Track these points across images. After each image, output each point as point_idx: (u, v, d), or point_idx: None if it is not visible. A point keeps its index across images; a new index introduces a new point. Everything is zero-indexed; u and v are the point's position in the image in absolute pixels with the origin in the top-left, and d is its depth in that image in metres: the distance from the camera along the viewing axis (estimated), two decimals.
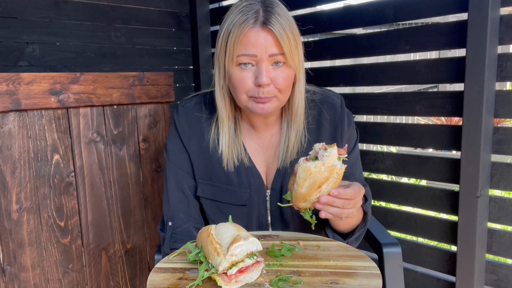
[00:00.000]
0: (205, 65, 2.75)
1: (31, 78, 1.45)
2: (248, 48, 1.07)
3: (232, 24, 1.08)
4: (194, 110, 1.28)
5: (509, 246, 1.68)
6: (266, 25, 1.06)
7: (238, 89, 1.12)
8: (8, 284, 1.46)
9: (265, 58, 1.07)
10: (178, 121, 1.29)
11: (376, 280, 0.88)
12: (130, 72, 1.84)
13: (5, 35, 2.09)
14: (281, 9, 1.11)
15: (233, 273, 0.87)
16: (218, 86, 1.18)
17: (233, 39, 1.08)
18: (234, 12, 1.10)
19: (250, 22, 1.06)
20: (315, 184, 0.94)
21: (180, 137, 1.28)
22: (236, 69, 1.10)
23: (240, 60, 1.09)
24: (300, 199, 0.98)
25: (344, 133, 1.25)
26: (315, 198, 0.97)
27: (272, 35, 1.06)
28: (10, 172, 1.44)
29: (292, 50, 1.09)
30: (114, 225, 1.73)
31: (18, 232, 1.47)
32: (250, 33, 1.06)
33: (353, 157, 1.28)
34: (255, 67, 1.09)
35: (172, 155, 1.29)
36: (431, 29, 1.76)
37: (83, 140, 1.61)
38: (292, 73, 1.13)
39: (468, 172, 1.67)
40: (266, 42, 1.07)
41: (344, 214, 0.99)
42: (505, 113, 1.63)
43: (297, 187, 0.97)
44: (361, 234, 1.20)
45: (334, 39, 2.20)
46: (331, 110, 1.25)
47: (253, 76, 1.09)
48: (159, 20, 2.62)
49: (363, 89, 4.00)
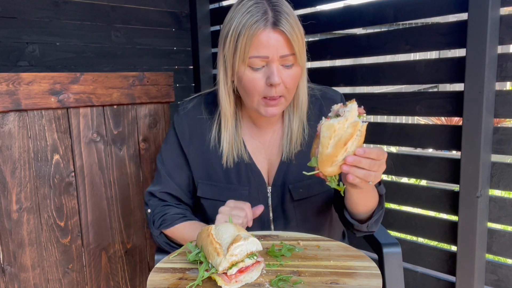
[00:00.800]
0: (205, 65, 2.75)
1: (31, 78, 1.45)
2: (260, 50, 1.07)
3: (241, 25, 1.08)
4: (194, 112, 1.29)
5: (509, 246, 1.68)
6: (277, 26, 1.07)
7: (250, 90, 1.12)
8: (8, 284, 1.46)
9: (276, 59, 1.08)
10: (178, 124, 1.29)
11: (376, 280, 0.88)
12: (130, 72, 1.84)
13: (5, 35, 2.09)
14: (287, 7, 1.11)
15: (233, 273, 0.88)
16: (224, 86, 1.18)
17: (244, 41, 1.07)
18: (241, 11, 1.09)
19: (261, 23, 1.06)
20: (341, 142, 0.90)
21: (179, 140, 1.28)
22: (247, 70, 1.11)
23: (251, 62, 1.09)
24: (326, 162, 0.93)
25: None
26: (341, 159, 0.92)
27: (284, 36, 1.07)
28: (10, 172, 1.44)
29: (301, 49, 1.11)
30: (114, 225, 1.73)
31: (18, 232, 1.47)
32: (262, 35, 1.06)
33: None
34: (265, 67, 1.10)
35: (167, 163, 1.31)
36: (431, 29, 1.76)
37: (83, 140, 1.61)
38: (299, 71, 1.14)
39: (468, 172, 1.67)
40: (278, 43, 1.07)
41: (371, 177, 0.95)
42: (505, 113, 1.63)
43: (322, 148, 0.92)
44: (379, 217, 1.19)
45: (334, 39, 2.20)
46: (331, 105, 1.25)
47: (265, 77, 1.10)
48: (159, 20, 2.62)
49: (363, 89, 4.00)
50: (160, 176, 1.31)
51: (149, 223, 1.30)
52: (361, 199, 1.12)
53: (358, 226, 1.18)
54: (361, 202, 1.13)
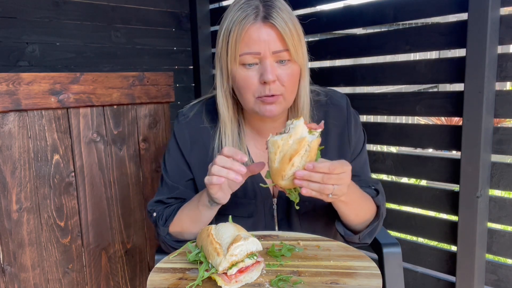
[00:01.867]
0: (205, 65, 2.75)
1: (31, 78, 1.45)
2: (251, 46, 1.03)
3: (232, 22, 1.05)
4: (195, 120, 1.23)
5: (509, 246, 1.68)
6: (267, 20, 1.02)
7: (244, 89, 1.08)
8: (8, 284, 1.46)
9: (269, 55, 1.04)
10: (179, 132, 1.23)
11: (376, 280, 0.88)
12: (130, 72, 1.84)
13: (5, 35, 2.09)
14: (281, 3, 1.07)
15: (233, 273, 0.87)
16: (221, 89, 1.14)
17: (234, 38, 1.04)
18: (233, 10, 1.06)
19: (250, 18, 1.02)
20: (286, 158, 0.91)
21: (181, 150, 1.23)
22: (239, 69, 1.07)
23: (243, 60, 1.05)
24: (276, 176, 0.94)
25: (351, 136, 1.21)
26: (291, 173, 0.93)
27: (275, 29, 1.03)
28: (10, 172, 1.44)
29: (296, 45, 1.05)
30: (114, 225, 1.73)
31: (18, 232, 1.47)
32: (251, 30, 1.03)
33: (362, 160, 1.24)
34: (259, 65, 1.06)
35: (171, 172, 1.24)
36: (431, 29, 1.76)
37: (83, 140, 1.61)
38: (297, 69, 1.09)
39: (468, 172, 1.67)
40: (269, 38, 1.03)
41: (328, 190, 0.92)
42: (505, 113, 1.63)
43: (271, 162, 0.94)
44: (374, 229, 1.15)
45: (334, 39, 2.20)
46: (337, 113, 1.22)
47: (258, 74, 1.05)
48: (159, 20, 2.62)
49: (363, 89, 4.00)
50: (167, 184, 1.24)
51: (156, 227, 1.21)
52: (350, 211, 1.09)
53: (350, 237, 1.15)
54: (350, 213, 1.10)
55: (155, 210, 1.23)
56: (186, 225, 1.15)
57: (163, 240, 1.19)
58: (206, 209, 1.10)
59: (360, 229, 1.15)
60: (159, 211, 1.21)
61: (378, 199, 1.13)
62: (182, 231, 1.17)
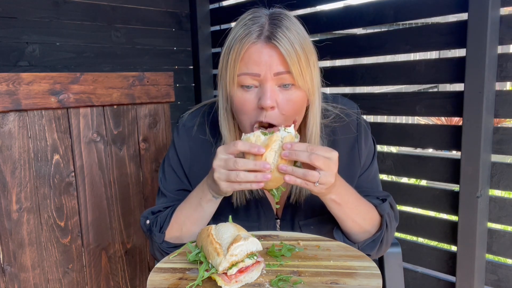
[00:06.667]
0: (205, 65, 2.75)
1: (31, 78, 1.45)
2: (250, 66, 0.95)
3: (234, 39, 0.97)
4: (197, 133, 1.15)
5: (509, 246, 1.68)
6: (270, 40, 0.94)
7: (240, 113, 0.99)
8: (8, 284, 1.46)
9: (270, 78, 0.95)
10: (180, 145, 1.17)
11: (376, 280, 0.88)
12: (130, 72, 1.84)
13: (5, 35, 2.09)
14: (291, 21, 0.98)
15: (233, 273, 0.87)
16: (222, 109, 1.06)
17: (233, 56, 0.96)
18: (238, 25, 0.98)
19: (252, 36, 0.94)
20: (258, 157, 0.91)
21: (181, 162, 1.17)
22: (238, 90, 0.98)
23: (241, 81, 0.96)
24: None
25: (361, 151, 1.16)
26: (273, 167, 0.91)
27: (277, 51, 0.94)
28: (10, 172, 1.44)
29: (302, 69, 0.95)
30: (114, 225, 1.73)
31: (18, 232, 1.47)
32: (252, 49, 0.94)
33: (372, 173, 1.20)
34: (258, 88, 0.97)
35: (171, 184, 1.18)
36: (431, 29, 1.76)
37: (83, 140, 1.61)
38: (302, 96, 0.99)
39: (468, 172, 1.67)
40: (271, 59, 0.94)
41: (314, 177, 0.88)
42: (505, 113, 1.63)
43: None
44: (376, 240, 1.08)
45: (334, 39, 2.20)
46: (346, 128, 1.14)
47: (256, 98, 0.96)
48: (159, 20, 2.62)
49: (363, 89, 4.00)
50: (164, 195, 1.18)
51: (151, 234, 1.11)
52: (345, 215, 1.03)
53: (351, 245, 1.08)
54: (347, 218, 1.04)
55: (148, 218, 1.15)
56: (187, 226, 1.10)
57: (158, 248, 1.12)
58: (210, 204, 1.06)
59: (359, 240, 1.10)
60: (152, 219, 1.15)
61: (382, 208, 1.07)
62: (180, 234, 1.11)
